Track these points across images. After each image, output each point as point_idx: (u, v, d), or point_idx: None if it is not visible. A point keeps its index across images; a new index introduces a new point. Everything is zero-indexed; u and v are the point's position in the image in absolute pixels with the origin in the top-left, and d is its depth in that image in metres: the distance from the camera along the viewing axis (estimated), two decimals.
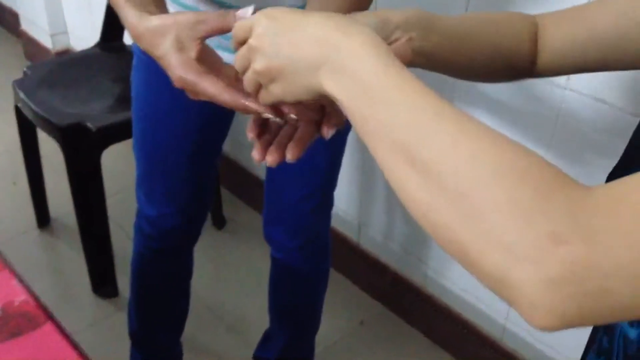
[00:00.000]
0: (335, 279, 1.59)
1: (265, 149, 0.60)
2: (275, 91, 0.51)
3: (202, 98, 0.64)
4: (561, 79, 1.15)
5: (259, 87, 0.54)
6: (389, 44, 0.58)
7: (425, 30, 0.60)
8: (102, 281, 1.69)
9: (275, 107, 0.57)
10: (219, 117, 1.09)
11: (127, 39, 1.83)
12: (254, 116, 0.61)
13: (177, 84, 0.64)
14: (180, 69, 0.63)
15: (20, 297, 0.75)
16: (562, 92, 1.16)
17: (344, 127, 1.15)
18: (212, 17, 0.63)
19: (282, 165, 1.15)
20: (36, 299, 0.74)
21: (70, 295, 1.72)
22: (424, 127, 0.41)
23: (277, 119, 0.58)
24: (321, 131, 0.59)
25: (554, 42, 0.65)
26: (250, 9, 0.60)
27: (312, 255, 1.23)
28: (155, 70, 0.93)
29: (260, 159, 0.60)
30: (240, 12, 0.60)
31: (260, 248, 1.33)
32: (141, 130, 1.10)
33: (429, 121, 0.41)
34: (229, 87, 0.61)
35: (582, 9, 0.64)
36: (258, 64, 0.51)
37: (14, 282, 0.77)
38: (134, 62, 1.08)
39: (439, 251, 1.53)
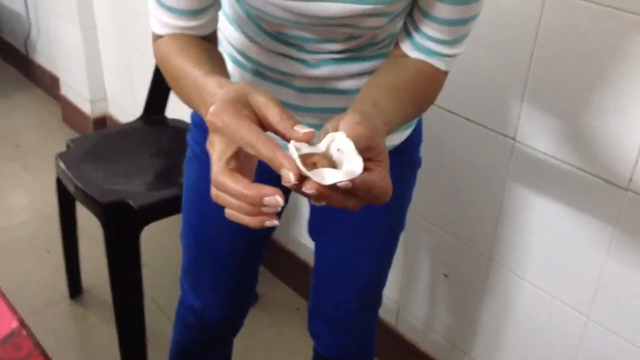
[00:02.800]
0: None
1: None
2: None
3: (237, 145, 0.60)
4: None
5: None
6: None
7: None
8: (134, 357, 1.66)
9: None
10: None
11: (169, 113, 1.85)
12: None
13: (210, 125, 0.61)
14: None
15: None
16: None
17: (395, 228, 1.12)
18: (279, 113, 0.60)
19: (332, 265, 1.12)
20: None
21: None
22: None
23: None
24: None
25: None
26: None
27: (355, 353, 1.19)
28: (208, 164, 0.93)
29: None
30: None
31: (292, 325, 1.28)
32: (191, 222, 1.09)
33: None
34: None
35: None
36: None
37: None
38: (188, 154, 1.08)
39: (484, 343, 1.48)
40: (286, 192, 0.90)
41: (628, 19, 1.01)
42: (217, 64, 0.78)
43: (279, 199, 0.56)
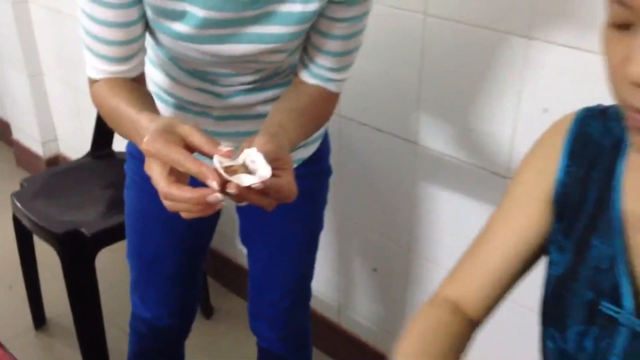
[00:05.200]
0: (319, 358, 1.69)
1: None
2: None
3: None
4: None
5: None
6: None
7: None
8: None
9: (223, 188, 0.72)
10: (203, 226, 1.23)
11: (116, 147, 1.99)
12: None
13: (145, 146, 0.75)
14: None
15: None
16: None
17: (314, 228, 1.29)
18: (202, 139, 0.76)
19: (262, 268, 1.29)
20: None
21: None
22: None
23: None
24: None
25: (473, 302, 0.77)
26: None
27: (293, 345, 1.34)
28: (146, 191, 1.09)
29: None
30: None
31: (248, 335, 1.43)
32: (134, 242, 1.23)
33: None
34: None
35: (477, 261, 0.78)
36: None
37: None
38: (127, 182, 1.22)
39: None
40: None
41: (496, 36, 1.21)
42: (146, 101, 0.94)
43: (217, 195, 0.73)
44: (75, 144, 2.55)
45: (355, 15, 0.94)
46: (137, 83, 0.99)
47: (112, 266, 1.96)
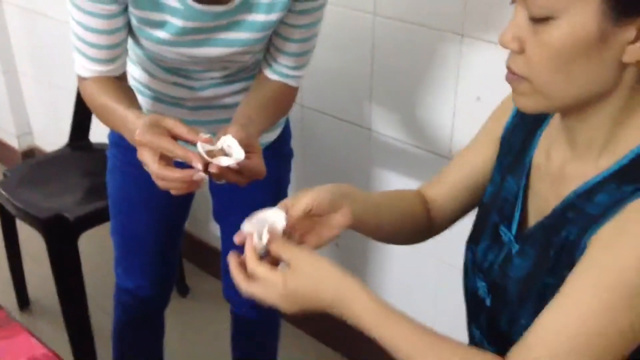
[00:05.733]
0: (287, 328, 1.85)
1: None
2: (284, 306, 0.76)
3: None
4: None
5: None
6: (335, 210, 0.82)
7: (353, 198, 0.85)
8: (84, 357, 1.89)
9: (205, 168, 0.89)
10: (179, 204, 1.38)
11: (93, 138, 2.11)
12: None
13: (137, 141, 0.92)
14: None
15: (41, 350, 1.00)
16: None
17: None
18: (185, 130, 0.92)
19: (232, 239, 1.45)
20: (55, 353, 0.99)
21: None
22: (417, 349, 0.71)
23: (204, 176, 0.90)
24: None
25: (434, 201, 0.97)
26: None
27: (264, 309, 1.49)
28: (127, 173, 1.25)
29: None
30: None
31: (220, 311, 1.58)
32: (118, 220, 1.38)
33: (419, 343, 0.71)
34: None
35: (446, 172, 0.98)
36: (289, 290, 0.74)
37: (33, 340, 1.02)
38: (109, 166, 1.36)
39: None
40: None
41: (435, 34, 1.38)
42: (131, 97, 1.11)
43: (201, 174, 0.90)
44: (50, 136, 2.65)
45: (310, 22, 1.12)
46: (121, 81, 1.14)
47: (93, 250, 2.09)
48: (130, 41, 1.15)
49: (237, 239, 0.81)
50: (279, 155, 1.36)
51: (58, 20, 2.28)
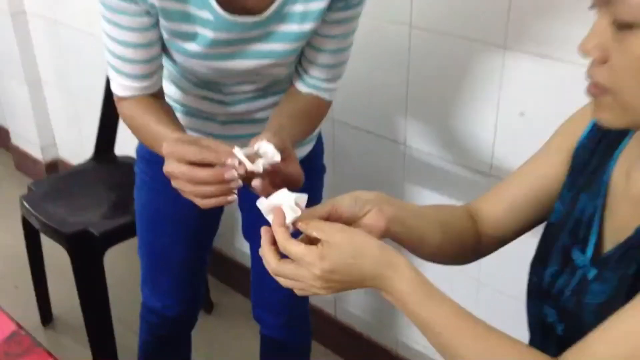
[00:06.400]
0: (317, 349, 1.80)
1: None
2: (320, 291, 0.71)
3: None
4: None
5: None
6: (363, 215, 0.78)
7: (392, 203, 0.80)
8: None
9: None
10: (208, 222, 1.34)
11: (118, 151, 2.08)
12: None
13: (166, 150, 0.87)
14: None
15: None
16: None
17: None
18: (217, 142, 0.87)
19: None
20: None
21: None
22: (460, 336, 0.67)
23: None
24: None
25: (488, 217, 0.90)
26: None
27: (294, 330, 1.45)
28: (156, 190, 1.20)
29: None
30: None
31: (246, 327, 1.53)
32: (146, 239, 1.34)
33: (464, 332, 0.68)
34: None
35: (503, 187, 0.91)
36: (325, 268, 0.69)
37: None
38: (137, 182, 1.32)
39: (404, 319, 1.76)
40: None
41: (476, 46, 1.33)
42: (171, 116, 1.07)
43: (233, 172, 0.84)
44: (74, 148, 2.64)
45: (343, 32, 1.07)
46: (160, 99, 1.11)
47: (117, 266, 2.06)
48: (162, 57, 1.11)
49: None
50: (311, 170, 1.31)
51: (82, 31, 2.26)
